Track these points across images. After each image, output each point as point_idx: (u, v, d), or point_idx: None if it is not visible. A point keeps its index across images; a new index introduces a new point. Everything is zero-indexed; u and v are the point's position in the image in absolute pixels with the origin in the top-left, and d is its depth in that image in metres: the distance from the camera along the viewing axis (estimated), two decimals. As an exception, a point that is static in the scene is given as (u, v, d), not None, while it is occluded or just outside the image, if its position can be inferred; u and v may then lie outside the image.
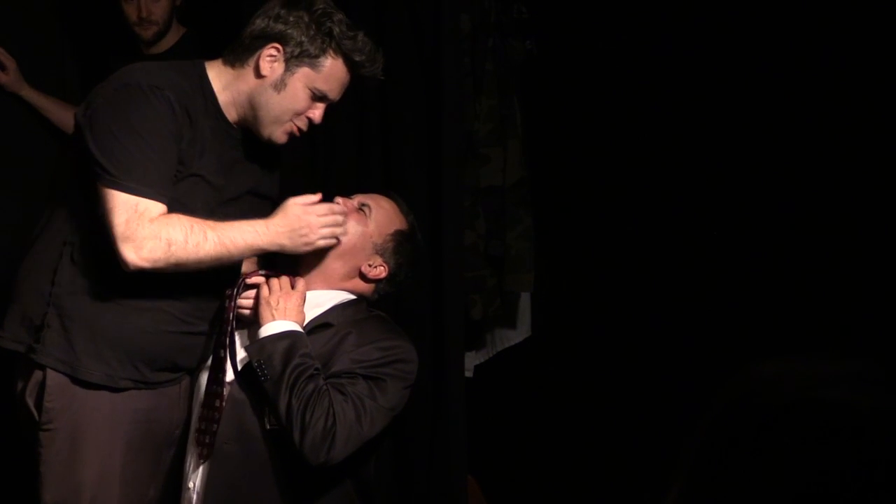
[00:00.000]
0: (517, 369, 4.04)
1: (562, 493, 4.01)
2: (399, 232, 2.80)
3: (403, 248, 2.81)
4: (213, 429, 2.64)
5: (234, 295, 2.69)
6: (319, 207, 2.67)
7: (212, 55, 2.76)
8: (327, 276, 2.76)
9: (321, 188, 2.82)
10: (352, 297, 2.79)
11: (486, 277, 3.77)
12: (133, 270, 2.53)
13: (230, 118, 2.70)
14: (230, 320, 2.67)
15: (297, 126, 2.69)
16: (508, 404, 4.10)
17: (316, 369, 2.59)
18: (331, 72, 2.66)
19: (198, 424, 2.69)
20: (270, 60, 2.65)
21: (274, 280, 2.70)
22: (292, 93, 2.65)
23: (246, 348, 2.66)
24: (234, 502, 2.65)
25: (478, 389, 3.75)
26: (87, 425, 2.67)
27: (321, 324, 2.71)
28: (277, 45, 2.65)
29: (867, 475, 0.94)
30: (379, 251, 2.77)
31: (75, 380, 2.66)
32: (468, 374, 3.75)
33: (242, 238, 2.59)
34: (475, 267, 3.70)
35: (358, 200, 2.80)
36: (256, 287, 2.73)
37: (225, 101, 2.69)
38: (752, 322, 3.52)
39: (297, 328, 2.65)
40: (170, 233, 2.52)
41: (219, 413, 2.64)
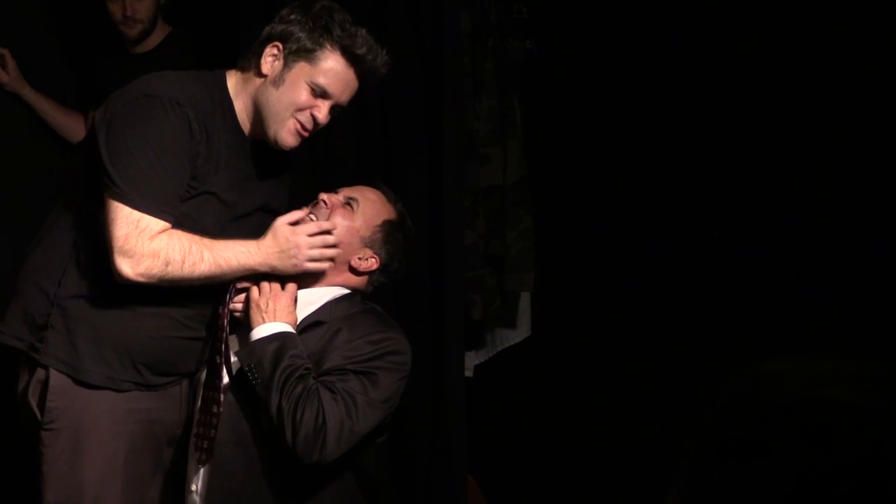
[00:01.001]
0: (517, 369, 4.04)
1: (562, 494, 4.01)
2: (387, 222, 2.78)
3: (394, 238, 2.78)
4: (212, 434, 2.64)
5: (227, 300, 2.69)
6: (308, 227, 2.68)
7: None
8: (318, 274, 2.75)
9: (321, 188, 2.82)
10: (345, 292, 2.77)
11: (486, 277, 3.77)
12: (125, 283, 2.56)
13: (245, 129, 2.71)
14: (223, 326, 2.68)
15: (301, 122, 2.66)
16: (508, 404, 4.10)
17: (306, 369, 2.59)
18: (329, 66, 2.65)
19: (196, 429, 2.69)
20: (272, 59, 2.67)
21: (264, 282, 2.69)
22: (290, 87, 2.64)
23: (236, 353, 2.66)
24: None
25: (478, 389, 3.75)
26: (90, 425, 2.68)
27: (313, 322, 2.71)
28: (278, 44, 2.66)
29: (868, 475, 0.94)
30: (368, 243, 2.75)
31: (78, 380, 2.67)
32: (468, 374, 3.75)
33: (236, 258, 2.62)
34: (475, 267, 3.70)
35: (344, 195, 2.78)
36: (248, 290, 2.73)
37: (239, 110, 2.69)
38: (753, 321, 3.52)
39: (288, 329, 2.65)
40: (168, 253, 2.55)
41: (216, 418, 2.64)
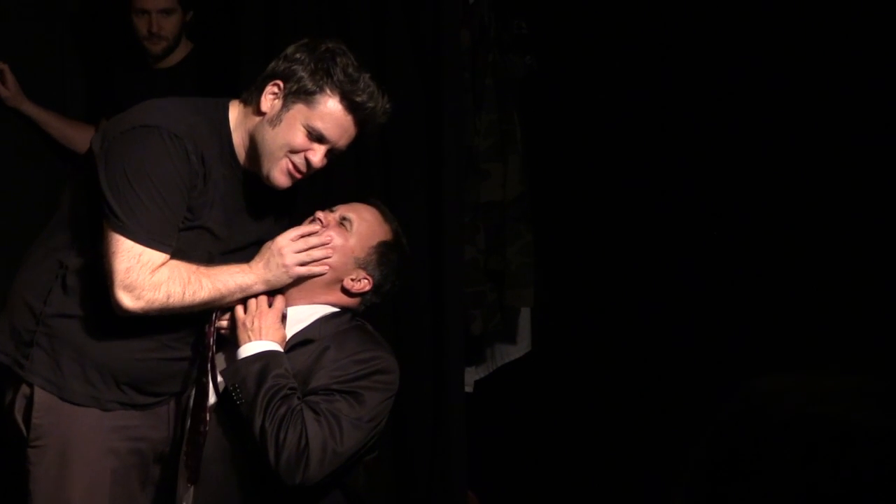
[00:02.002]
0: (517, 384, 4.03)
1: (562, 509, 4.01)
2: (382, 243, 2.75)
3: (388, 259, 2.75)
4: (199, 453, 2.63)
5: (213, 319, 2.67)
6: (287, 232, 2.68)
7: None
8: (308, 292, 2.73)
9: (319, 204, 2.82)
10: (335, 310, 2.75)
11: (487, 292, 3.77)
12: (125, 315, 2.56)
13: (242, 162, 2.68)
14: (210, 345, 2.66)
15: (294, 163, 2.62)
16: (509, 420, 4.10)
17: (290, 389, 2.56)
18: (327, 110, 2.61)
19: (185, 448, 2.68)
20: (272, 97, 2.63)
21: (251, 300, 2.67)
22: (286, 128, 2.60)
23: (221, 372, 2.63)
24: None
25: (478, 405, 3.75)
26: (76, 442, 2.67)
27: (301, 341, 2.68)
28: (279, 82, 2.62)
29: (864, 489, 0.94)
30: (361, 265, 2.72)
31: (63, 398, 2.67)
32: (468, 390, 3.75)
33: (233, 280, 2.62)
34: (475, 282, 3.70)
35: (339, 213, 2.75)
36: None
37: (237, 143, 2.67)
38: (753, 337, 3.52)
39: (273, 347, 2.62)
40: (170, 286, 2.55)
41: (203, 437, 2.63)
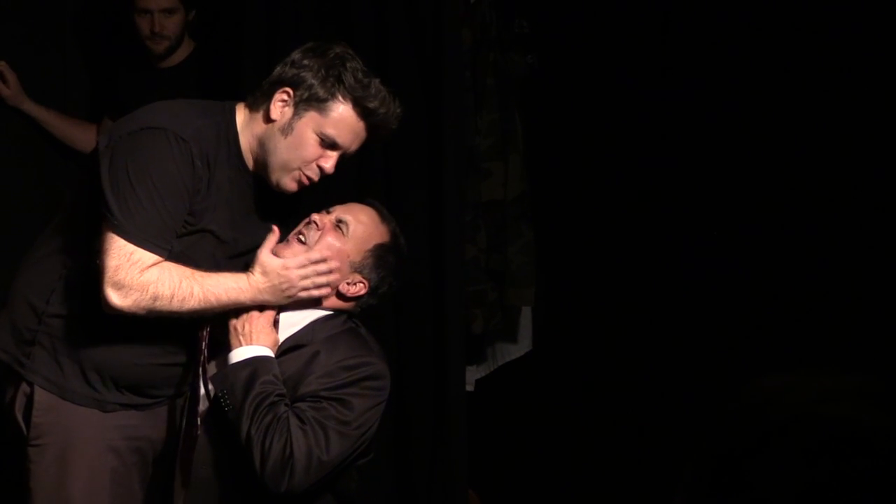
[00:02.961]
0: (518, 384, 4.03)
1: (563, 508, 4.01)
2: (379, 246, 2.71)
3: (384, 262, 2.71)
4: (191, 457, 2.62)
5: (205, 324, 2.66)
6: (299, 260, 2.62)
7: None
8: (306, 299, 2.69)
9: (320, 203, 2.80)
10: (328, 313, 2.71)
11: (488, 291, 3.77)
12: (113, 313, 2.54)
13: (249, 165, 2.66)
14: (202, 350, 2.65)
15: (307, 175, 2.61)
16: (509, 419, 4.09)
17: (278, 395, 2.54)
18: (339, 117, 2.59)
19: (179, 450, 2.68)
20: (281, 105, 2.60)
21: None
22: (299, 137, 2.58)
23: (211, 378, 2.62)
24: None
25: (479, 404, 3.75)
26: (76, 441, 2.67)
27: (293, 345, 2.66)
28: (289, 90, 2.60)
29: (869, 492, 0.94)
30: (357, 269, 2.68)
31: (63, 397, 2.68)
32: (469, 389, 3.75)
33: (227, 294, 2.58)
34: (476, 281, 3.70)
35: (336, 215, 2.71)
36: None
37: (245, 147, 2.64)
38: (756, 337, 3.52)
39: (264, 352, 2.60)
40: (158, 288, 2.51)
41: (194, 441, 2.63)
